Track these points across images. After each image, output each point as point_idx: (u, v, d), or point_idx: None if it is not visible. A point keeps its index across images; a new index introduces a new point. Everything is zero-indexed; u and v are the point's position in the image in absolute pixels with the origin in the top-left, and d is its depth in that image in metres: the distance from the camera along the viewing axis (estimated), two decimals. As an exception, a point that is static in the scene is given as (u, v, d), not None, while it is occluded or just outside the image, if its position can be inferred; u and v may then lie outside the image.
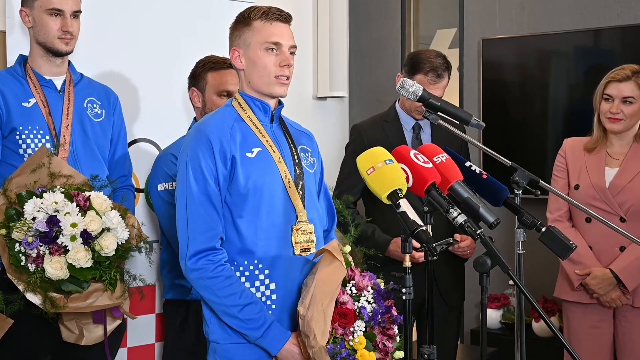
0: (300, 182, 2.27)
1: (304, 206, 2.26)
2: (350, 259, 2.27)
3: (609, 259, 3.03)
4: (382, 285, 2.18)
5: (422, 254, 2.21)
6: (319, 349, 2.01)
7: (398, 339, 2.16)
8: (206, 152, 2.16)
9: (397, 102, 3.23)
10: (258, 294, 2.19)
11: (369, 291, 2.11)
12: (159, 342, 3.21)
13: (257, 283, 2.20)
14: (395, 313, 2.16)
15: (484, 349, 1.99)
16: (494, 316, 4.30)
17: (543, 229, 2.18)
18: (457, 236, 3.00)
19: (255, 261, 2.20)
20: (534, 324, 4.14)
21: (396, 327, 2.15)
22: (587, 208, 2.52)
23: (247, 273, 2.20)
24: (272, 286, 2.21)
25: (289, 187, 2.24)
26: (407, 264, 1.90)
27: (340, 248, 2.20)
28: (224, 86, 2.86)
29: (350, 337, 2.04)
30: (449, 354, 3.21)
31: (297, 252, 2.23)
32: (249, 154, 2.20)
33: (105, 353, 2.58)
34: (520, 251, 2.30)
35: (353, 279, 2.13)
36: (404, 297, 1.89)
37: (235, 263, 2.20)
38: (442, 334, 2.17)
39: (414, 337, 3.77)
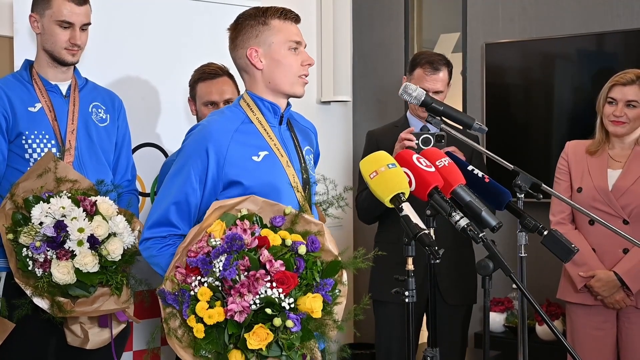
0: (307, 186, 2.28)
1: (310, 209, 2.26)
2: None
3: (612, 261, 3.05)
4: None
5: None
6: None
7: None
8: (198, 159, 2.12)
9: (409, 109, 3.28)
10: None
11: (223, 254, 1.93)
12: (164, 346, 3.22)
13: None
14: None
15: (487, 352, 2.00)
16: (497, 319, 4.29)
17: (545, 232, 2.19)
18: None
19: None
20: (538, 328, 4.14)
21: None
22: (590, 211, 2.52)
23: None
24: None
25: (297, 190, 2.23)
26: (410, 267, 1.92)
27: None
28: (208, 97, 2.90)
29: (194, 286, 1.94)
30: (451, 355, 3.19)
31: None
32: (255, 158, 2.18)
33: (111, 356, 2.60)
34: (523, 254, 2.31)
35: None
36: (406, 300, 1.90)
37: None
38: (443, 334, 2.15)
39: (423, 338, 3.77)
